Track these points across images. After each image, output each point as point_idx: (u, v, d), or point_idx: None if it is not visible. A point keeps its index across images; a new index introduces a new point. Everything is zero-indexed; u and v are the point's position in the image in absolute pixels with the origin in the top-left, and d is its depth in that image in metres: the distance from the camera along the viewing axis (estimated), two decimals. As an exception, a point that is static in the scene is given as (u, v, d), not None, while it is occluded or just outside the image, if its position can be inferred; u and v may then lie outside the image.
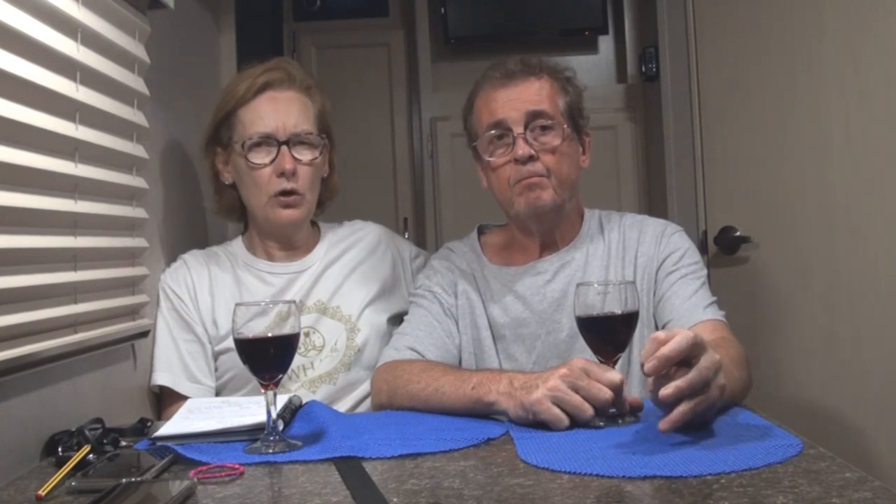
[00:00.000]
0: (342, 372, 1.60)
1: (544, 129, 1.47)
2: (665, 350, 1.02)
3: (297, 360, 1.56)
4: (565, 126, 1.49)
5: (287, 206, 1.58)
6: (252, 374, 1.14)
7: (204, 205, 1.78)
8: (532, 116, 1.47)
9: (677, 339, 1.03)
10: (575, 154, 1.53)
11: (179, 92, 1.83)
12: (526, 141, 1.46)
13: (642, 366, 1.05)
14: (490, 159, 1.51)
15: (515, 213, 1.52)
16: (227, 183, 1.66)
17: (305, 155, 1.60)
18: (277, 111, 1.58)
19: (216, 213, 1.74)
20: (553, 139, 1.48)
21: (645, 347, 1.06)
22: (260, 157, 1.57)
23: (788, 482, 0.87)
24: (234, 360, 1.49)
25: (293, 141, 1.58)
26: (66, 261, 1.29)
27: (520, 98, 1.48)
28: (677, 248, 1.52)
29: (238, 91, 1.59)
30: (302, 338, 1.51)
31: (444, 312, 1.56)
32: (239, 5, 2.23)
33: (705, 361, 1.04)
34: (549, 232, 1.56)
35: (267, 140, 1.57)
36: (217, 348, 1.60)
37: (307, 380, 1.59)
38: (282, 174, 1.56)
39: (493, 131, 1.49)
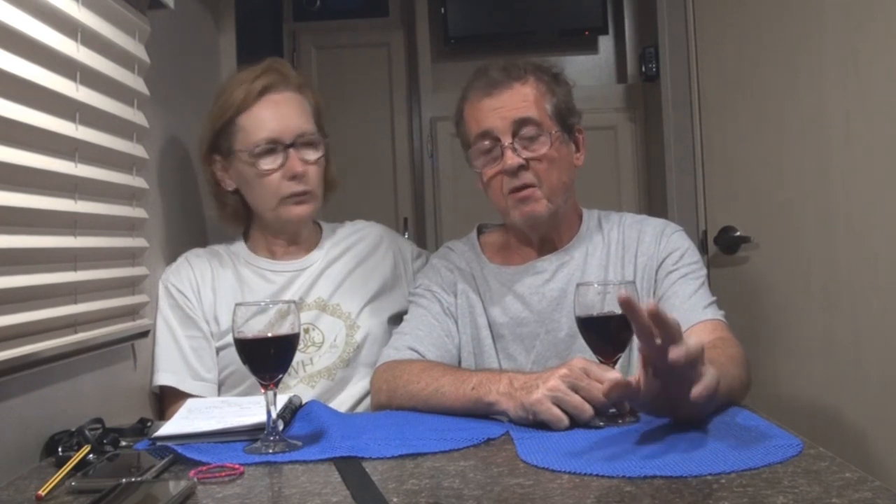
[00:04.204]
0: (341, 368, 1.61)
1: (532, 138, 1.46)
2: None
3: (297, 357, 1.55)
4: (554, 130, 1.48)
5: (299, 203, 1.61)
6: (252, 373, 1.14)
7: (205, 212, 1.78)
8: (519, 124, 1.46)
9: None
10: (567, 156, 1.52)
11: (179, 92, 1.83)
12: (514, 150, 1.45)
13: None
14: (481, 171, 1.51)
15: (512, 223, 1.53)
16: (229, 190, 1.66)
17: (311, 155, 1.61)
18: (279, 114, 1.59)
19: (220, 222, 1.74)
20: (541, 147, 1.46)
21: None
22: (269, 163, 1.58)
23: (788, 482, 0.87)
24: (233, 356, 1.49)
25: (298, 143, 1.59)
26: (66, 261, 1.29)
27: (505, 106, 1.46)
28: (677, 248, 1.52)
29: (236, 98, 1.59)
30: (301, 334, 1.51)
31: (444, 312, 1.56)
32: (239, 5, 2.23)
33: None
34: (546, 235, 1.56)
35: (273, 145, 1.58)
36: (218, 344, 1.60)
37: (306, 375, 1.59)
38: (293, 177, 1.58)
39: (482, 142, 1.49)
